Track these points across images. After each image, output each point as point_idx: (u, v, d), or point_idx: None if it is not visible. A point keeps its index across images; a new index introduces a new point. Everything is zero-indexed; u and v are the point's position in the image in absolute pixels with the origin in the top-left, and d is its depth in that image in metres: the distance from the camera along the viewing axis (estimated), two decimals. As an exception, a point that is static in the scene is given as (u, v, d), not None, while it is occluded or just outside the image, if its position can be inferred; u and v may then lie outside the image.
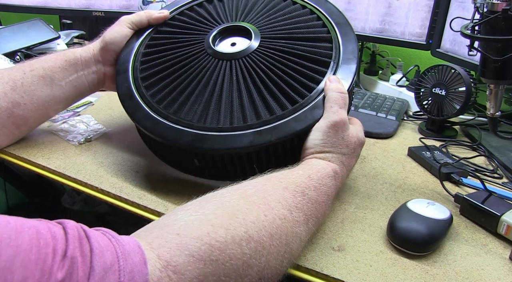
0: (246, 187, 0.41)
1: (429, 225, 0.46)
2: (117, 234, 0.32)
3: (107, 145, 0.65)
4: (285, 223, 0.39)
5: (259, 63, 0.54)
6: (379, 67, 1.12)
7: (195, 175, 0.56)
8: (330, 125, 0.48)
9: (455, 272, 0.44)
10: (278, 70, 0.53)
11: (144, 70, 0.58)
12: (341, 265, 0.43)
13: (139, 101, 0.55)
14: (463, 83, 0.73)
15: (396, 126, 0.80)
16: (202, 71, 0.55)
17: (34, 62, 0.60)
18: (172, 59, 0.58)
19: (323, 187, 0.45)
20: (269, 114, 0.50)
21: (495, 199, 0.52)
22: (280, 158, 0.51)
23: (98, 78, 0.64)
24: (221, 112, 0.51)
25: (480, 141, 0.74)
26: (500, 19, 0.52)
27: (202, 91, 0.53)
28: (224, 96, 0.52)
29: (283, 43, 0.56)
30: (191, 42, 0.59)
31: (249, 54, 0.55)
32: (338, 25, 0.58)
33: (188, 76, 0.55)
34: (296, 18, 0.59)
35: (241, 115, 0.51)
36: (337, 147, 0.49)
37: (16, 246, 0.25)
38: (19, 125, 0.60)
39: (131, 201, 0.52)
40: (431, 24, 0.91)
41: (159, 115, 0.53)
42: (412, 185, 0.61)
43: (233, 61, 0.55)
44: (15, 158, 0.61)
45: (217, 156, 0.50)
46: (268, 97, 0.51)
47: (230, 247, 0.34)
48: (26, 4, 1.14)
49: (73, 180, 0.56)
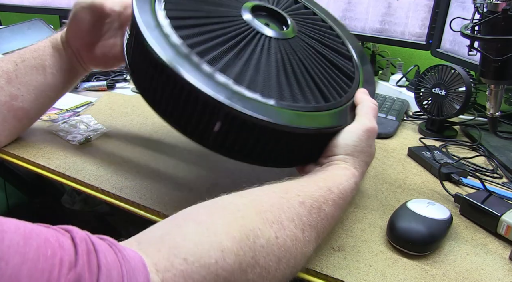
0: (262, 199, 0.39)
1: (429, 225, 0.46)
2: (122, 238, 0.31)
3: (107, 145, 0.65)
4: (296, 244, 0.38)
5: (297, 52, 0.53)
6: (379, 67, 1.12)
7: (202, 143, 0.47)
8: (365, 130, 0.48)
9: (455, 272, 0.44)
10: (314, 65, 0.53)
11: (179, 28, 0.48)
12: (341, 265, 0.43)
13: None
14: (463, 83, 0.73)
15: (396, 126, 0.80)
16: (242, 36, 0.50)
17: (23, 52, 0.60)
18: (208, 17, 0.51)
19: (341, 201, 0.44)
20: (314, 100, 0.48)
21: (495, 199, 0.52)
22: (298, 150, 0.48)
23: (76, 58, 0.63)
24: (271, 79, 0.48)
25: (480, 141, 0.74)
26: (500, 19, 0.52)
27: (248, 57, 0.49)
28: (271, 66, 0.49)
29: (316, 43, 0.56)
30: (222, 4, 0.54)
31: (288, 39, 0.54)
32: (355, 49, 0.61)
33: (228, 36, 0.49)
34: (321, 27, 0.61)
35: (289, 91, 0.48)
36: (364, 153, 0.48)
37: (24, 253, 0.24)
38: (21, 118, 0.60)
39: (131, 201, 0.52)
40: (431, 24, 0.91)
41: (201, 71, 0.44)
42: (412, 185, 0.61)
43: (272, 40, 0.52)
44: (15, 157, 0.61)
45: (249, 124, 0.43)
46: (307, 84, 0.50)
47: (236, 275, 0.33)
48: (26, 4, 1.14)
49: (73, 180, 0.56)
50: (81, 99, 0.83)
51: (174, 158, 0.63)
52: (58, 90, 0.63)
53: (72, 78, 0.64)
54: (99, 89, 0.90)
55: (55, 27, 1.05)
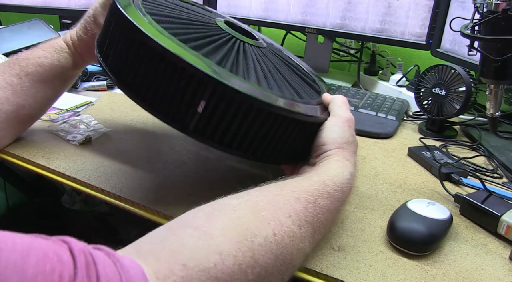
0: (258, 197, 0.40)
1: (429, 225, 0.46)
2: (120, 246, 0.31)
3: (107, 145, 0.65)
4: (293, 240, 0.38)
5: (270, 59, 0.55)
6: (379, 67, 1.12)
7: (183, 127, 0.44)
8: (344, 121, 0.50)
9: (455, 272, 0.44)
10: (286, 71, 0.56)
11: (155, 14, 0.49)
12: (341, 265, 0.43)
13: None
14: (463, 83, 0.73)
15: (396, 126, 0.80)
16: (218, 37, 0.52)
17: (25, 65, 0.59)
18: (184, 20, 0.52)
19: (337, 193, 0.44)
20: (289, 94, 0.49)
21: (495, 199, 0.52)
22: (280, 138, 0.47)
23: (81, 56, 0.63)
24: (250, 70, 0.49)
25: (480, 141, 0.74)
26: (500, 19, 0.52)
27: (226, 52, 0.49)
28: (248, 61, 0.50)
29: (284, 60, 0.60)
30: (195, 11, 0.58)
31: (260, 48, 0.56)
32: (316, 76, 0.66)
33: (205, 34, 0.50)
34: (282, 53, 0.66)
35: (266, 82, 0.48)
36: (351, 144, 0.49)
37: (22, 271, 0.24)
38: (24, 122, 0.63)
39: (131, 201, 0.52)
40: (431, 24, 0.91)
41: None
42: (412, 184, 0.61)
43: (246, 44, 0.54)
44: (15, 157, 0.61)
45: (236, 102, 0.42)
46: (282, 82, 0.52)
47: (236, 277, 0.33)
48: (26, 4, 1.14)
49: (73, 179, 0.56)
50: (81, 99, 0.83)
51: (174, 157, 0.63)
52: (62, 92, 0.66)
53: (75, 76, 0.66)
54: (99, 89, 0.90)
55: (55, 27, 1.05)
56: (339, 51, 1.21)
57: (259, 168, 0.61)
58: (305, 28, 1.06)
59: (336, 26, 1.02)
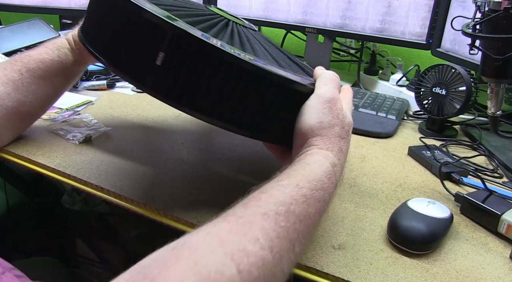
0: (219, 228, 0.34)
1: (429, 224, 0.46)
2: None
3: (107, 144, 0.65)
4: (264, 269, 0.33)
5: (262, 43, 0.55)
6: (379, 67, 1.12)
7: (140, 82, 0.41)
8: (324, 102, 0.44)
9: (456, 270, 0.43)
10: (279, 55, 0.55)
11: None
12: (341, 264, 0.43)
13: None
14: (463, 82, 0.73)
15: (396, 126, 0.80)
16: (211, 17, 0.52)
17: (27, 61, 0.60)
18: (177, 6, 0.50)
19: (317, 193, 0.39)
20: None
21: (496, 198, 0.52)
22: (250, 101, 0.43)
23: (83, 55, 0.63)
24: (245, 45, 0.48)
25: (480, 140, 0.74)
26: (502, 17, 0.52)
27: (221, 28, 0.49)
28: (245, 42, 0.49)
29: (275, 46, 0.61)
30: (191, 2, 0.59)
31: (253, 30, 0.58)
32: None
33: (198, 14, 0.49)
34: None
35: (251, 48, 0.47)
36: (333, 128, 0.44)
37: None
38: (24, 119, 0.63)
39: (131, 200, 0.52)
40: (431, 23, 0.91)
41: None
42: (412, 184, 0.61)
43: (240, 26, 0.56)
44: (15, 156, 0.61)
45: (195, 52, 0.39)
46: (275, 63, 0.49)
47: None
48: (26, 4, 1.14)
49: (73, 178, 0.56)
50: (81, 99, 0.83)
51: (174, 156, 0.62)
52: (63, 91, 0.66)
53: (76, 75, 0.66)
54: (99, 88, 0.90)
55: (55, 27, 1.05)
56: (339, 51, 1.21)
57: (259, 167, 0.61)
58: (305, 28, 1.06)
59: (336, 26, 1.02)
